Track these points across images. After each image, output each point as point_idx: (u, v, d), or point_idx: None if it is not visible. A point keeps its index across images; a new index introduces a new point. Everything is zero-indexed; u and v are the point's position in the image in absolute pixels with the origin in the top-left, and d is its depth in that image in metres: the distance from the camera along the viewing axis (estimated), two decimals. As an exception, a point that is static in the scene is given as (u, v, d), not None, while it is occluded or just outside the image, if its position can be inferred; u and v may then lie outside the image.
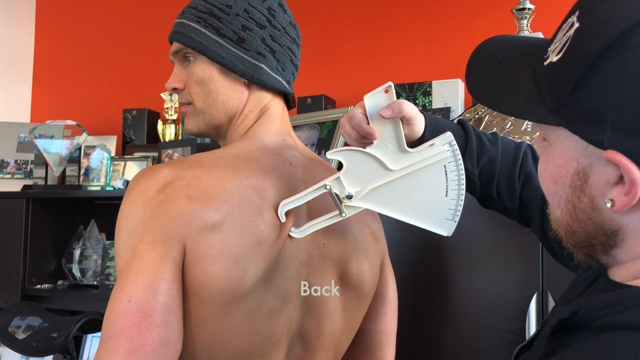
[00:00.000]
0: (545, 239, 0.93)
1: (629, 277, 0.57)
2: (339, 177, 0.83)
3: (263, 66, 0.93)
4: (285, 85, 0.97)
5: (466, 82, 0.67)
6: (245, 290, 0.80)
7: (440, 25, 2.09)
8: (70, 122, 2.28)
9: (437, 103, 1.83)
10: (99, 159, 2.23)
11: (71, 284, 2.20)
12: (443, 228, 0.85)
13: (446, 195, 0.83)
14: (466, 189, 0.86)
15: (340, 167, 0.86)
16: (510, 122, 1.48)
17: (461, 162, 0.83)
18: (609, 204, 0.53)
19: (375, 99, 0.81)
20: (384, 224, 1.05)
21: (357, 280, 0.95)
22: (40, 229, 2.17)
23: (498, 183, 0.92)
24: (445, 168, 0.82)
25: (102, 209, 2.31)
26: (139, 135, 2.37)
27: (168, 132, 2.27)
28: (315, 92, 2.08)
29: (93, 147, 2.26)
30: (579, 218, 0.57)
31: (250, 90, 0.94)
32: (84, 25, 2.79)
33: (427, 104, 1.84)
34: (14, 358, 2.22)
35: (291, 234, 0.85)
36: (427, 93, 1.85)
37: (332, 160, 1.77)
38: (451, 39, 2.07)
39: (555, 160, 0.57)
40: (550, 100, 0.54)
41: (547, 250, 0.97)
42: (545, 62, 0.56)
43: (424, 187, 0.83)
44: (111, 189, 2.11)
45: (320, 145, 1.86)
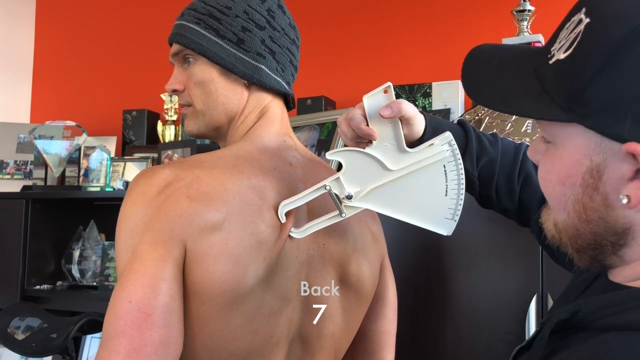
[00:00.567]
0: (543, 239, 0.92)
1: (633, 277, 0.57)
2: (338, 177, 0.83)
3: (263, 67, 0.93)
4: (285, 86, 0.97)
5: (464, 86, 0.66)
6: (246, 290, 0.80)
7: (441, 26, 2.09)
8: (70, 122, 2.27)
9: (437, 104, 1.83)
10: (98, 159, 2.23)
11: (70, 284, 2.20)
12: (443, 227, 0.85)
13: (446, 195, 0.83)
14: (465, 189, 0.86)
15: (340, 168, 0.86)
16: (510, 124, 1.48)
17: (461, 161, 0.83)
18: (624, 200, 0.53)
19: (375, 100, 0.81)
20: (383, 224, 1.05)
21: (357, 281, 0.95)
22: (40, 230, 2.16)
23: (497, 184, 0.92)
24: (444, 168, 0.82)
25: (101, 209, 2.31)
26: (139, 136, 2.37)
27: (168, 133, 2.27)
28: (315, 93, 2.07)
29: (93, 147, 2.26)
30: (589, 219, 0.56)
31: (250, 91, 0.94)
32: (84, 25, 2.79)
33: (427, 106, 1.84)
34: (13, 358, 2.22)
35: (291, 234, 0.85)
36: (427, 94, 1.85)
37: (331, 161, 1.78)
38: (451, 41, 2.07)
39: (564, 160, 0.56)
40: (561, 98, 0.54)
41: (546, 251, 0.97)
42: (550, 61, 0.56)
43: (424, 187, 0.83)
44: (111, 189, 2.10)
45: (320, 146, 1.86)
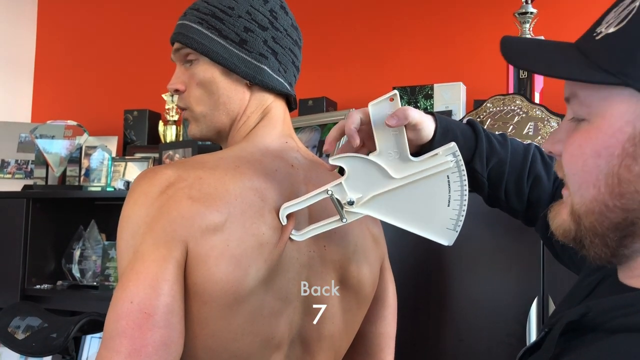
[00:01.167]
0: (548, 238, 0.92)
1: None
2: (341, 182, 0.83)
3: (265, 68, 0.93)
4: (287, 87, 0.97)
5: (505, 53, 0.65)
6: (247, 291, 0.80)
7: (442, 28, 2.10)
8: (71, 122, 2.27)
9: (438, 106, 1.83)
10: (99, 159, 2.23)
11: (71, 284, 2.20)
12: (444, 237, 0.84)
13: (448, 205, 0.82)
14: (474, 189, 0.85)
15: (341, 170, 0.85)
16: (511, 126, 1.48)
17: (464, 172, 0.82)
18: None
19: (380, 107, 0.80)
20: (384, 226, 1.04)
21: (357, 282, 0.95)
22: (40, 229, 2.17)
23: (507, 185, 0.91)
24: (448, 178, 0.82)
25: (102, 209, 2.31)
26: (140, 136, 2.37)
27: (169, 133, 2.27)
28: (317, 94, 2.07)
29: (94, 147, 2.26)
30: (622, 192, 0.56)
31: (252, 91, 0.94)
32: (86, 25, 2.79)
33: (428, 107, 1.84)
34: (13, 358, 2.22)
35: (292, 236, 0.85)
36: (429, 96, 1.85)
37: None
38: (453, 43, 2.07)
39: (602, 130, 0.56)
40: (611, 64, 0.55)
41: (550, 251, 0.97)
42: (596, 38, 0.57)
43: (426, 197, 0.82)
44: (112, 189, 2.10)
45: (321, 148, 1.86)
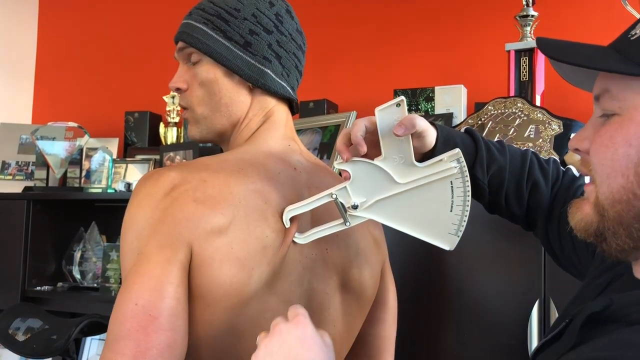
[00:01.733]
0: (548, 242, 0.94)
1: None
2: (345, 186, 0.83)
3: (268, 71, 0.93)
4: (290, 91, 0.97)
5: (543, 49, 0.68)
6: (250, 294, 0.80)
7: (444, 31, 2.10)
8: (72, 124, 2.27)
9: (439, 109, 1.83)
10: (100, 161, 2.23)
11: (71, 286, 2.19)
12: (446, 242, 0.85)
13: (451, 210, 0.83)
14: (475, 197, 0.86)
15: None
16: (513, 129, 1.49)
17: (468, 178, 0.82)
18: None
19: (387, 113, 0.80)
20: (385, 229, 1.05)
21: (358, 285, 0.95)
22: (41, 231, 2.16)
23: (507, 191, 0.92)
24: (451, 184, 0.82)
25: (102, 211, 2.31)
26: (141, 138, 2.37)
27: (170, 135, 2.27)
28: (318, 97, 2.07)
29: (95, 149, 2.26)
30: None
31: (254, 94, 0.94)
32: (87, 27, 2.79)
33: (429, 110, 1.84)
34: (14, 358, 2.21)
35: (295, 239, 0.85)
36: (430, 99, 1.85)
37: (335, 166, 1.78)
38: (454, 46, 2.07)
39: (635, 121, 0.60)
40: None
41: (549, 254, 0.98)
42: (632, 38, 0.62)
43: (429, 202, 0.83)
44: (112, 191, 2.10)
45: (322, 150, 1.86)
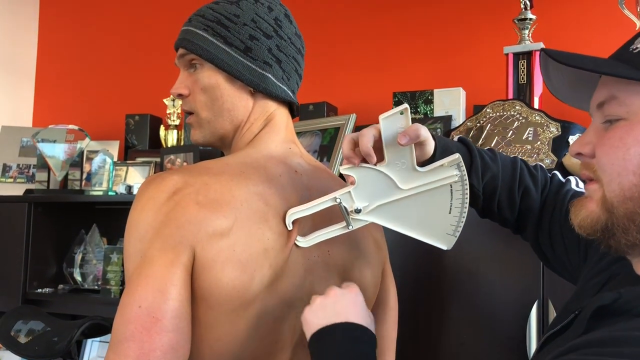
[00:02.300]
0: (538, 245, 0.97)
1: None
2: (349, 191, 0.85)
3: (269, 75, 0.93)
4: (290, 94, 0.98)
5: (551, 56, 0.71)
6: (252, 296, 0.81)
7: (443, 34, 2.11)
8: (73, 126, 2.28)
9: (438, 111, 1.84)
10: (101, 163, 2.23)
11: (72, 288, 2.20)
12: (444, 242, 0.87)
13: (449, 212, 0.86)
14: (470, 203, 0.88)
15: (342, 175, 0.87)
16: (511, 132, 1.50)
17: (467, 182, 0.85)
18: None
19: (391, 121, 0.82)
20: (385, 230, 1.06)
21: (359, 286, 0.96)
22: (42, 233, 2.17)
23: (499, 197, 0.95)
24: (451, 188, 0.85)
25: (103, 213, 2.31)
26: (142, 141, 2.38)
27: (170, 138, 2.28)
28: (318, 99, 2.08)
29: (95, 152, 2.26)
30: None
31: (256, 99, 0.95)
32: (87, 30, 2.80)
33: (428, 112, 1.85)
34: (14, 361, 2.22)
35: (297, 242, 0.86)
36: (429, 101, 1.86)
37: (334, 169, 1.79)
38: (453, 48, 2.08)
39: None
40: None
41: (539, 256, 1.01)
42: (635, 51, 0.67)
43: (429, 205, 0.85)
44: (113, 194, 2.11)
45: (322, 152, 1.87)
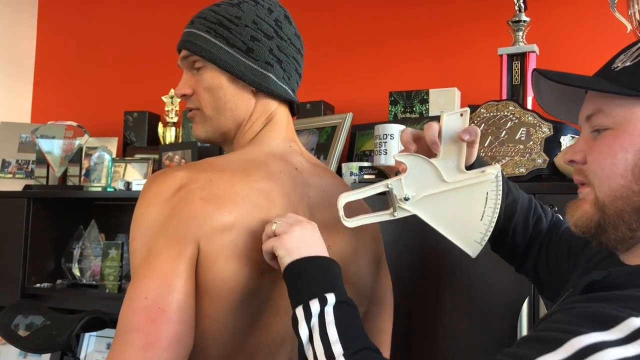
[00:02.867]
0: (535, 272, 1.00)
1: None
2: (400, 179, 0.87)
3: (271, 75, 0.96)
4: (291, 93, 1.00)
5: (543, 75, 0.76)
6: (254, 290, 0.83)
7: (438, 35, 2.13)
8: (71, 123, 2.29)
9: (433, 111, 1.86)
10: (99, 160, 2.25)
11: (70, 283, 2.21)
12: (471, 249, 0.90)
13: (481, 219, 0.89)
14: None
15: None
16: (504, 131, 1.52)
17: (501, 192, 0.88)
18: None
19: (451, 119, 0.86)
20: (381, 226, 1.08)
21: (357, 280, 0.99)
22: (41, 229, 2.18)
23: (516, 221, 0.98)
24: (487, 195, 0.88)
25: (102, 209, 2.33)
26: (140, 138, 2.39)
27: (168, 135, 2.29)
28: (315, 98, 2.09)
29: (94, 148, 2.28)
30: None
31: (257, 98, 0.98)
32: (86, 26, 2.81)
33: (424, 112, 1.88)
34: (12, 356, 2.24)
35: (344, 222, 0.88)
36: (424, 101, 1.89)
37: (331, 166, 1.81)
38: (448, 50, 2.10)
39: (629, 132, 0.69)
40: (632, 84, 0.69)
41: (535, 286, 1.04)
42: (616, 69, 0.72)
43: (466, 206, 0.88)
44: (111, 190, 2.13)
45: (319, 150, 1.89)
